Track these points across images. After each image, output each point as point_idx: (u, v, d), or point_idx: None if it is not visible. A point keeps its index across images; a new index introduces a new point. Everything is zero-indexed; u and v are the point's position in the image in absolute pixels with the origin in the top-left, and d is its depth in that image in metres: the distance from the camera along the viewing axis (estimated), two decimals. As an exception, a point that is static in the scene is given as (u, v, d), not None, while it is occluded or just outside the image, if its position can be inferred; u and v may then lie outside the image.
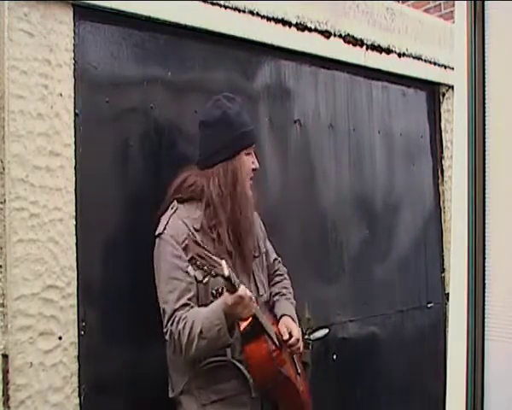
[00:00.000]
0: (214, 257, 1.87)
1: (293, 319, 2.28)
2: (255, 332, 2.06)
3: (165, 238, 2.06)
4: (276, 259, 2.45)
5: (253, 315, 2.01)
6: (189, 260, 1.90)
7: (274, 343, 2.11)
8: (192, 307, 2.02)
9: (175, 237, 2.06)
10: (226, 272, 1.84)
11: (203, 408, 2.08)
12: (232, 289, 1.90)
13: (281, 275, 2.44)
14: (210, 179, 2.14)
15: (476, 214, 1.29)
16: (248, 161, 2.19)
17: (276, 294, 2.37)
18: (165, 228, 2.08)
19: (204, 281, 1.95)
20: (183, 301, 2.01)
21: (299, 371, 2.29)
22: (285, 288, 2.41)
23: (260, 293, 2.24)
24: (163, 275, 2.05)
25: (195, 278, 2.01)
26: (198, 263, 1.84)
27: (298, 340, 2.23)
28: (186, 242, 2.00)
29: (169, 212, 2.13)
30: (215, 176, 2.14)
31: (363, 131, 3.21)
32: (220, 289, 2.06)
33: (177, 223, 2.09)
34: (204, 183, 2.14)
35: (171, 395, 2.15)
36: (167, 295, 2.03)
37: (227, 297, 1.93)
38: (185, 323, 1.98)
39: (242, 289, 1.91)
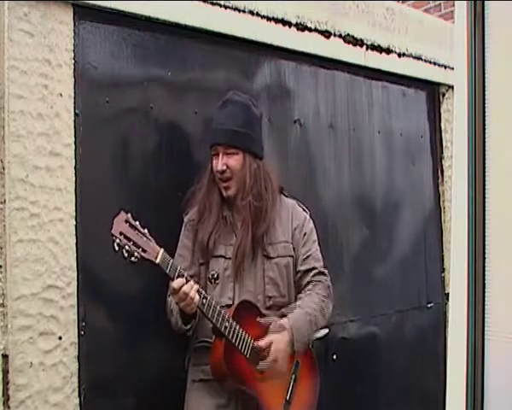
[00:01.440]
0: (150, 243, 1.95)
1: (290, 335, 2.14)
2: (218, 334, 2.08)
3: (184, 221, 2.26)
4: (310, 269, 2.28)
5: (212, 323, 2.04)
6: (113, 238, 1.92)
7: (240, 352, 2.07)
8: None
9: (187, 221, 2.25)
10: (158, 260, 1.95)
11: (192, 384, 2.20)
12: (169, 278, 2.00)
13: (312, 286, 2.27)
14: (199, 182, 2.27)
15: (476, 214, 1.29)
16: (215, 164, 2.19)
17: (300, 305, 2.23)
18: (186, 214, 2.27)
19: (131, 259, 1.93)
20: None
21: (291, 398, 2.17)
22: (309, 297, 2.24)
23: (268, 294, 2.21)
24: (176, 251, 2.23)
25: (122, 255, 1.95)
26: (118, 241, 1.90)
27: (268, 348, 2.11)
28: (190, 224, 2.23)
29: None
30: (201, 180, 2.27)
31: (363, 131, 3.21)
32: (216, 275, 2.18)
33: (192, 210, 2.26)
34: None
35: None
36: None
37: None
38: (170, 299, 2.13)
39: (176, 282, 1.98)
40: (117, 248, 1.90)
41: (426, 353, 3.44)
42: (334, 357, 2.88)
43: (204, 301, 2.03)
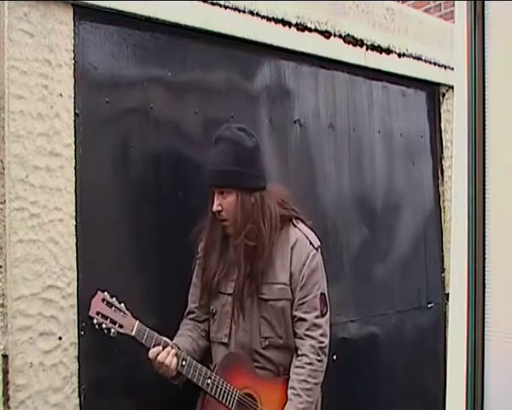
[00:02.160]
0: (127, 317, 2.05)
1: None
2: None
3: (198, 251, 2.28)
4: (304, 320, 2.18)
5: (194, 382, 2.09)
6: (90, 318, 2.04)
7: (224, 405, 2.11)
8: (195, 317, 2.27)
9: (197, 256, 2.28)
10: (133, 333, 2.04)
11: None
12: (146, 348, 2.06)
13: (306, 357, 2.17)
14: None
15: (476, 214, 1.29)
16: (211, 204, 2.17)
17: (291, 388, 2.17)
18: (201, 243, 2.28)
19: (110, 335, 2.04)
20: (192, 306, 2.29)
21: None
22: (303, 381, 2.17)
23: (263, 335, 2.19)
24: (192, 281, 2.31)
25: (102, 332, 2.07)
26: (96, 321, 2.02)
27: None
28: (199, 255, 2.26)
29: None
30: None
31: (363, 132, 3.21)
32: (215, 311, 2.23)
33: (201, 245, 2.27)
34: None
35: None
36: (190, 292, 2.30)
37: None
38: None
39: (151, 352, 2.05)
40: (96, 326, 2.03)
41: (426, 353, 3.44)
42: (334, 357, 2.88)
43: (183, 362, 2.07)
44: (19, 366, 1.92)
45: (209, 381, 2.10)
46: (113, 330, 2.03)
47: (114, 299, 2.06)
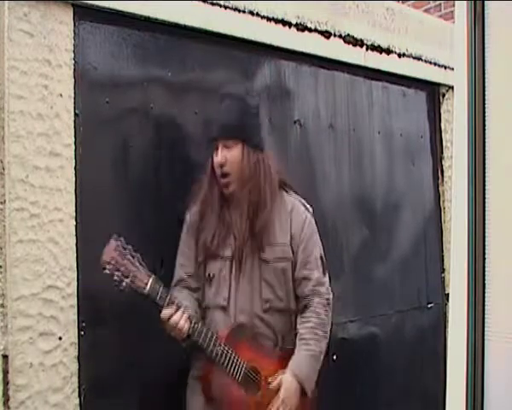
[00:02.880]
0: (141, 271, 1.95)
1: (298, 379, 2.14)
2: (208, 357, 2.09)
3: (186, 219, 2.25)
4: (308, 278, 2.21)
5: (202, 348, 2.05)
6: (106, 264, 1.94)
7: (231, 376, 2.08)
8: (187, 285, 2.19)
9: (189, 222, 2.23)
10: (146, 290, 1.94)
11: (191, 380, 2.20)
12: (158, 308, 1.99)
13: (314, 311, 2.20)
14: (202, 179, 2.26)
15: (476, 214, 1.29)
16: (215, 159, 2.18)
17: (301, 339, 2.19)
18: (189, 210, 2.25)
19: (120, 288, 1.94)
20: (183, 275, 2.20)
21: None
22: (313, 332, 2.19)
23: (265, 297, 2.18)
24: (178, 250, 2.24)
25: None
26: (109, 268, 1.91)
27: (279, 387, 2.12)
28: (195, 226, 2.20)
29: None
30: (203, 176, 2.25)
31: (363, 132, 3.21)
32: (212, 275, 2.18)
33: (193, 210, 2.25)
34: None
35: None
36: (176, 268, 2.23)
37: None
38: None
39: (164, 313, 1.99)
40: (108, 272, 1.93)
41: (426, 353, 3.44)
42: (334, 357, 2.88)
43: (195, 326, 2.03)
44: (19, 366, 1.92)
45: (218, 349, 2.04)
46: (124, 283, 1.91)
47: (130, 248, 1.95)
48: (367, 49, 3.15)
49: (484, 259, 1.28)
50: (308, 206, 2.33)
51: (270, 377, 2.14)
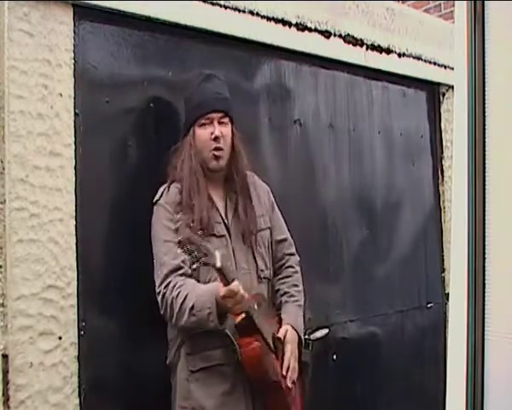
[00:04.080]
0: (208, 245, 1.91)
1: (296, 330, 2.23)
2: (248, 329, 2.04)
3: (161, 204, 2.14)
4: (285, 240, 2.36)
5: (246, 313, 2.01)
6: (179, 244, 1.90)
7: (268, 346, 2.10)
8: (185, 272, 2.07)
9: (169, 203, 2.13)
10: (218, 264, 1.85)
11: (191, 375, 2.11)
12: (225, 281, 1.91)
13: (291, 268, 2.36)
14: (177, 157, 2.20)
15: (476, 214, 1.29)
16: (204, 133, 2.16)
17: (285, 293, 2.31)
18: (161, 196, 2.16)
19: (193, 267, 1.93)
20: (178, 261, 2.06)
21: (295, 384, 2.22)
22: (294, 286, 2.34)
23: (260, 268, 2.23)
24: (158, 239, 2.11)
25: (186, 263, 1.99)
26: (186, 248, 1.87)
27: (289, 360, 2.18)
28: (179, 216, 2.10)
29: (166, 183, 2.20)
30: (179, 153, 2.20)
31: (363, 131, 3.21)
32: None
33: (173, 191, 2.16)
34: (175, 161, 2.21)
35: (168, 362, 2.18)
36: (163, 257, 2.08)
37: (220, 288, 1.94)
38: (179, 292, 2.02)
39: (235, 285, 1.92)
40: (185, 253, 1.93)
41: (426, 353, 3.44)
42: (334, 357, 2.88)
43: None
44: (19, 366, 1.92)
45: (257, 320, 2.04)
46: (202, 260, 1.89)
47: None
48: (367, 49, 3.15)
49: (484, 259, 1.28)
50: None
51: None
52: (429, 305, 3.52)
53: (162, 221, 2.12)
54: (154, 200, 2.17)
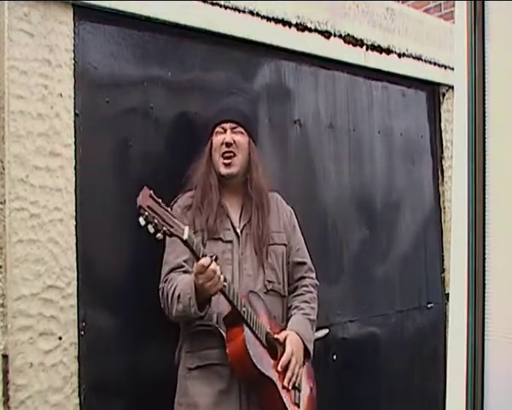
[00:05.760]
0: (175, 220, 1.92)
1: (300, 336, 2.22)
2: (235, 322, 2.06)
3: (173, 207, 2.19)
4: (304, 263, 2.38)
5: (233, 307, 2.03)
6: (138, 210, 1.87)
7: (259, 341, 2.09)
8: (186, 269, 2.13)
9: (181, 206, 2.21)
10: (185, 236, 1.90)
11: (188, 373, 2.15)
12: (195, 256, 1.97)
13: (306, 287, 2.36)
14: (196, 166, 2.27)
15: (476, 214, 1.29)
16: (217, 140, 2.23)
17: (295, 307, 2.32)
18: (176, 201, 2.23)
19: (157, 236, 1.89)
20: (179, 260, 2.14)
21: (301, 387, 2.21)
22: (305, 302, 2.33)
23: (268, 278, 2.23)
24: (166, 239, 2.12)
25: (147, 230, 1.92)
26: (146, 214, 1.85)
27: (288, 361, 2.16)
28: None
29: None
30: (198, 162, 2.26)
31: (363, 131, 3.21)
32: (215, 257, 2.09)
33: (186, 196, 2.25)
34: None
35: (175, 360, 2.22)
36: (167, 256, 2.18)
37: (194, 266, 1.99)
38: (172, 284, 2.10)
39: (204, 259, 1.95)
40: (143, 222, 1.86)
41: (426, 353, 3.44)
42: (334, 357, 2.88)
43: (225, 282, 2.01)
44: (19, 366, 1.92)
45: (245, 308, 2.05)
46: (164, 229, 1.86)
47: (160, 200, 1.91)
48: (367, 50, 3.15)
49: (484, 259, 1.28)
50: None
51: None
52: (429, 305, 3.51)
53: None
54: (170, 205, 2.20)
